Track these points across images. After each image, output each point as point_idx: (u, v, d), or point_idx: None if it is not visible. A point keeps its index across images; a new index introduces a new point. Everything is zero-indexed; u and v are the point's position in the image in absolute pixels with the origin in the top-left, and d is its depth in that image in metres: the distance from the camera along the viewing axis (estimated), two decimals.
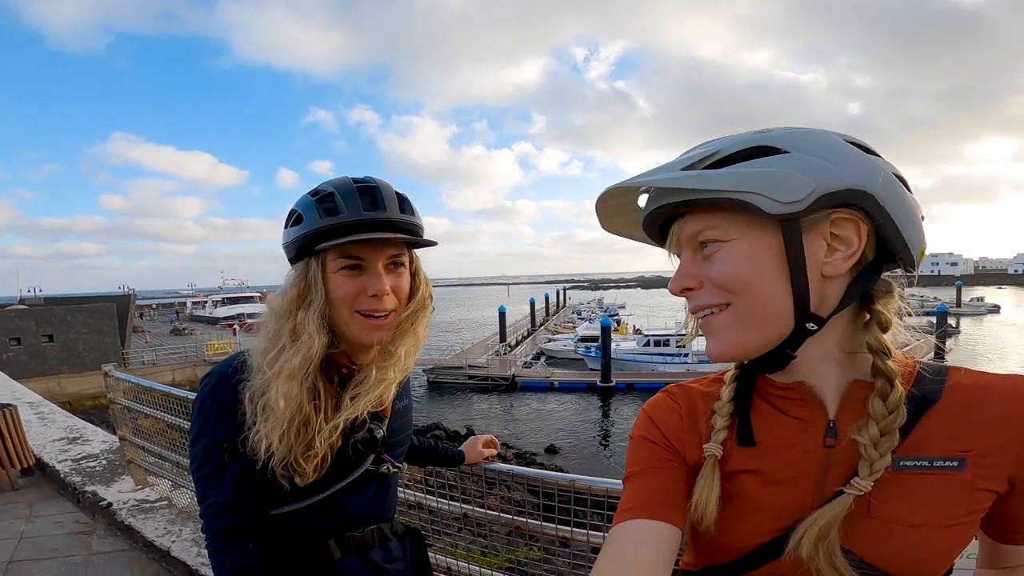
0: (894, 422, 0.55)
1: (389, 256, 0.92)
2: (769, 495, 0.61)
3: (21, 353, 20.75)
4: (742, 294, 0.57)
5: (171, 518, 3.16)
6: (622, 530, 0.61)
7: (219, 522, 0.88)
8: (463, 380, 26.56)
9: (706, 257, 0.59)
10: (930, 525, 0.55)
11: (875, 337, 0.57)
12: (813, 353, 0.59)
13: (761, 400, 0.65)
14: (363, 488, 1.01)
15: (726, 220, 0.57)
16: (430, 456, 1.46)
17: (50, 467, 4.11)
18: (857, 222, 0.55)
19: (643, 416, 0.72)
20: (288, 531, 0.95)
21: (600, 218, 0.68)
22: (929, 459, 0.56)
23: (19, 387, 7.41)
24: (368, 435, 0.99)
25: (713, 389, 0.71)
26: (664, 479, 0.65)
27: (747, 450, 0.63)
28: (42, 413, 5.78)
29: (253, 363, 0.91)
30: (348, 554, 0.99)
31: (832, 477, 0.59)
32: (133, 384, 3.44)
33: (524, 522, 1.68)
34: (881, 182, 0.55)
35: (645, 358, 28.11)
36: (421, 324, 1.01)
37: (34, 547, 3.05)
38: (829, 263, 0.56)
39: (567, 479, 1.55)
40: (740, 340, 0.59)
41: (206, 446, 0.89)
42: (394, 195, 0.94)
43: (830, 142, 0.56)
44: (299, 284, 0.91)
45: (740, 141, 0.58)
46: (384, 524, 1.06)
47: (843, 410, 0.60)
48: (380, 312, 0.92)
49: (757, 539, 0.62)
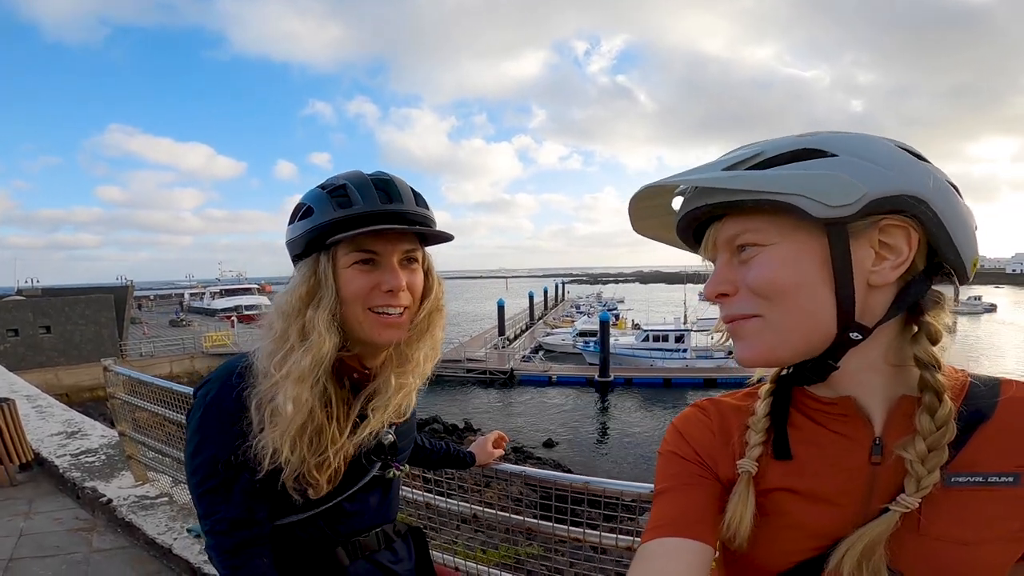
0: (943, 438, 0.53)
1: (404, 251, 0.89)
2: (808, 513, 0.59)
3: (18, 344, 20.69)
4: (781, 301, 0.55)
5: (172, 515, 3.14)
6: (652, 548, 0.59)
7: (229, 539, 0.84)
8: (461, 373, 26.55)
9: (744, 261, 0.57)
10: (984, 542, 0.53)
11: (924, 349, 0.55)
12: (857, 364, 0.57)
13: (800, 414, 0.63)
14: (368, 494, 0.99)
15: (767, 223, 0.55)
16: (442, 459, 1.44)
17: (49, 462, 4.08)
18: (908, 229, 0.53)
19: (672, 431, 0.70)
20: (295, 541, 0.93)
21: (632, 219, 0.66)
22: (983, 475, 0.54)
23: (16, 379, 7.37)
24: (386, 441, 0.97)
25: (747, 403, 0.68)
26: (696, 496, 0.63)
27: (784, 467, 0.61)
28: (40, 406, 5.75)
29: (259, 367, 0.86)
30: (356, 559, 0.97)
31: (878, 496, 0.56)
32: (132, 378, 3.41)
33: (529, 522, 1.67)
34: (934, 188, 0.53)
35: (644, 353, 28.15)
36: (438, 325, 0.97)
37: (34, 544, 3.03)
38: (876, 272, 0.54)
39: (580, 481, 1.52)
40: (773, 346, 0.57)
41: (210, 460, 0.84)
42: (409, 189, 0.91)
43: (881, 146, 0.54)
44: (308, 280, 0.86)
45: (785, 144, 0.55)
46: (387, 525, 1.05)
47: (890, 426, 0.58)
48: (395, 309, 0.88)
49: (793, 557, 0.60)
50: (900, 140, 0.56)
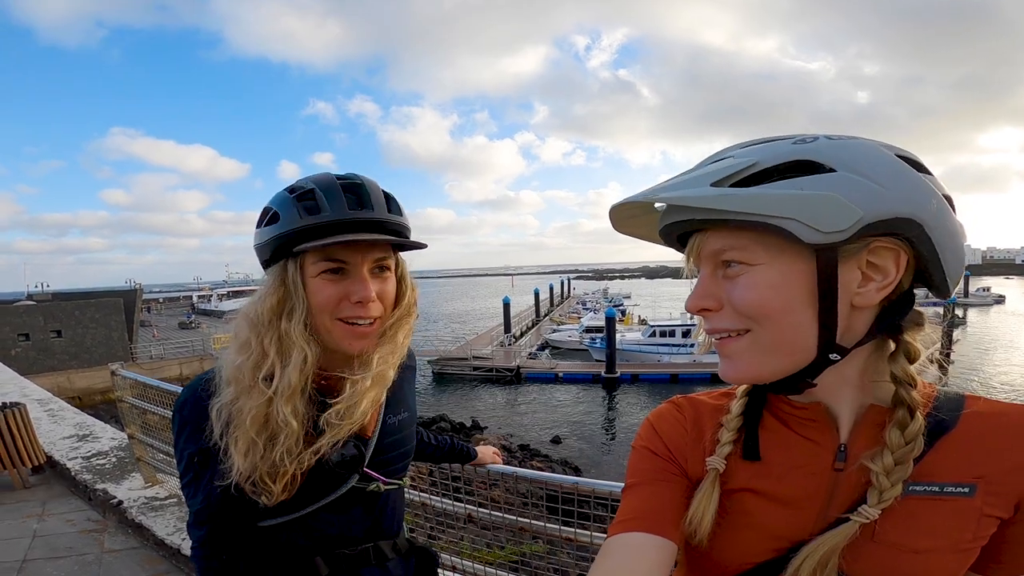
0: (910, 452, 0.53)
1: (375, 259, 0.86)
2: (770, 515, 0.60)
3: (30, 349, 20.92)
4: (765, 323, 0.55)
5: (181, 516, 3.19)
6: (617, 542, 0.60)
7: (196, 530, 0.88)
8: (467, 371, 26.63)
9: (728, 278, 0.57)
10: (936, 551, 0.54)
11: (902, 368, 0.56)
12: (832, 379, 0.58)
13: (772, 417, 0.64)
14: (349, 506, 0.95)
15: (754, 242, 0.54)
16: (446, 454, 1.44)
17: (61, 465, 4.16)
18: (898, 252, 0.52)
19: (647, 426, 0.71)
20: (274, 545, 0.92)
21: (613, 222, 0.65)
22: (939, 484, 0.54)
23: (28, 383, 7.48)
24: (353, 451, 0.92)
25: (722, 403, 0.69)
26: (664, 492, 0.64)
27: (751, 468, 0.62)
28: (51, 410, 5.84)
29: (225, 376, 0.85)
30: (338, 572, 0.94)
31: (837, 501, 0.58)
32: (139, 382, 3.46)
33: (522, 521, 1.69)
34: (934, 211, 0.51)
35: (651, 348, 28.06)
36: (402, 332, 0.94)
37: (47, 546, 3.09)
38: (861, 294, 0.53)
39: (570, 481, 1.55)
40: (756, 367, 0.57)
41: (182, 457, 0.87)
42: (381, 193, 0.88)
43: (882, 160, 0.52)
44: (278, 290, 0.84)
45: (780, 153, 0.53)
46: (384, 542, 1.00)
47: (856, 434, 0.59)
48: (364, 319, 0.86)
49: (753, 558, 0.61)
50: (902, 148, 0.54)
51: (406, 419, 1.05)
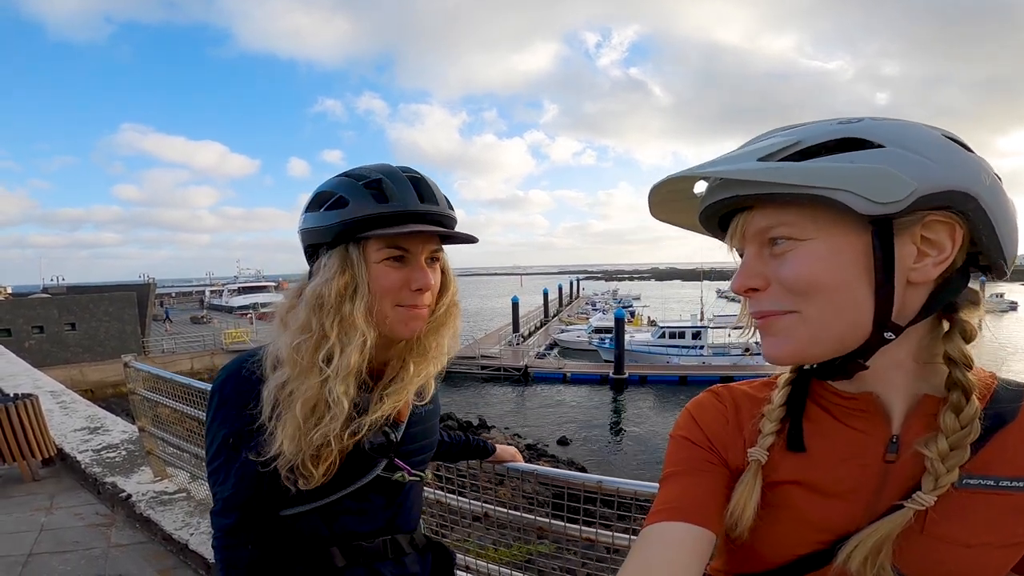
0: (966, 437, 0.52)
1: (431, 250, 0.90)
2: (816, 507, 0.59)
3: (44, 341, 21.24)
4: (816, 299, 0.53)
5: (189, 511, 3.17)
6: (655, 532, 0.58)
7: (222, 519, 0.88)
8: (475, 370, 26.61)
9: (776, 255, 0.55)
10: (985, 546, 0.53)
11: (957, 348, 0.54)
12: (884, 362, 0.55)
13: (817, 407, 0.62)
14: (373, 496, 0.96)
15: (804, 217, 0.53)
16: (462, 451, 1.43)
17: (71, 458, 4.17)
18: (953, 226, 0.51)
19: (685, 415, 0.70)
20: (292, 534, 0.92)
21: (651, 205, 0.64)
22: (995, 478, 0.53)
23: (41, 376, 7.54)
24: (382, 438, 0.93)
25: (763, 394, 0.67)
26: (703, 481, 0.62)
27: (796, 459, 0.60)
28: (64, 402, 5.88)
29: (280, 356, 0.86)
30: (355, 564, 0.94)
31: (887, 494, 0.56)
32: (152, 374, 3.46)
33: (541, 520, 1.65)
34: (987, 184, 0.50)
35: (660, 350, 27.91)
36: (457, 317, 0.99)
37: (54, 539, 3.09)
38: (917, 269, 0.52)
39: (594, 480, 1.50)
40: (806, 345, 0.55)
41: (216, 439, 0.88)
42: (438, 188, 0.91)
43: (930, 137, 0.51)
44: (344, 273, 0.85)
45: (825, 131, 0.52)
46: (401, 536, 1.00)
47: (908, 425, 0.57)
48: (420, 306, 0.89)
49: (796, 550, 0.60)
50: (947, 129, 0.53)
51: (432, 411, 1.07)
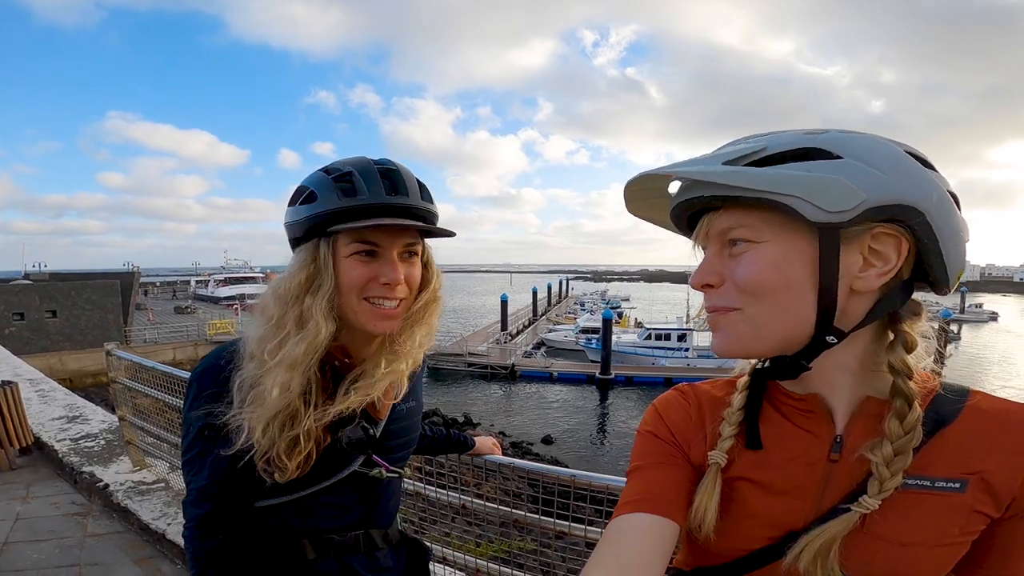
0: (909, 443, 0.54)
1: (405, 244, 0.89)
2: (766, 504, 0.62)
3: (24, 328, 20.81)
4: (763, 299, 0.56)
5: (167, 500, 3.16)
6: (622, 523, 0.61)
7: (195, 509, 0.88)
8: (462, 367, 26.60)
9: (733, 256, 0.58)
10: (923, 544, 0.55)
11: (899, 358, 0.56)
12: (829, 365, 0.59)
13: (772, 409, 0.65)
14: (348, 491, 0.96)
15: (761, 220, 0.56)
16: (442, 445, 1.44)
17: (48, 446, 4.12)
18: (899, 239, 0.53)
19: (652, 412, 0.73)
20: (264, 526, 0.93)
21: (627, 200, 0.67)
22: (931, 479, 0.55)
23: (20, 363, 7.42)
24: (360, 434, 0.93)
25: (725, 394, 0.70)
26: (668, 474, 0.65)
27: (751, 457, 0.63)
28: (43, 391, 5.80)
29: (249, 349, 0.87)
30: (326, 557, 0.94)
31: (831, 492, 0.59)
32: (134, 363, 3.43)
33: (522, 515, 1.68)
34: (935, 201, 0.53)
35: (646, 351, 28.09)
36: (434, 314, 0.97)
37: (30, 528, 3.06)
38: (861, 278, 0.54)
39: (567, 474, 1.55)
40: (749, 341, 0.58)
41: (191, 429, 0.88)
42: (415, 180, 0.90)
43: (887, 151, 0.54)
44: (308, 267, 0.85)
45: (789, 140, 0.55)
46: (376, 531, 1.01)
47: (852, 426, 0.59)
48: (390, 301, 0.88)
49: (749, 544, 0.62)
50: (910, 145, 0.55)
51: (414, 408, 1.07)
